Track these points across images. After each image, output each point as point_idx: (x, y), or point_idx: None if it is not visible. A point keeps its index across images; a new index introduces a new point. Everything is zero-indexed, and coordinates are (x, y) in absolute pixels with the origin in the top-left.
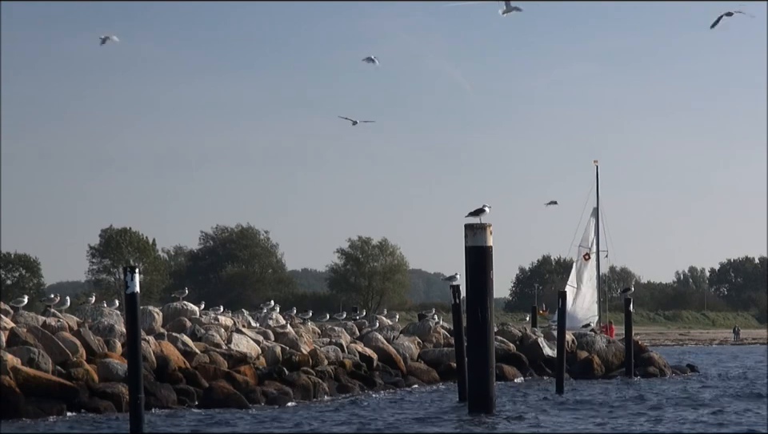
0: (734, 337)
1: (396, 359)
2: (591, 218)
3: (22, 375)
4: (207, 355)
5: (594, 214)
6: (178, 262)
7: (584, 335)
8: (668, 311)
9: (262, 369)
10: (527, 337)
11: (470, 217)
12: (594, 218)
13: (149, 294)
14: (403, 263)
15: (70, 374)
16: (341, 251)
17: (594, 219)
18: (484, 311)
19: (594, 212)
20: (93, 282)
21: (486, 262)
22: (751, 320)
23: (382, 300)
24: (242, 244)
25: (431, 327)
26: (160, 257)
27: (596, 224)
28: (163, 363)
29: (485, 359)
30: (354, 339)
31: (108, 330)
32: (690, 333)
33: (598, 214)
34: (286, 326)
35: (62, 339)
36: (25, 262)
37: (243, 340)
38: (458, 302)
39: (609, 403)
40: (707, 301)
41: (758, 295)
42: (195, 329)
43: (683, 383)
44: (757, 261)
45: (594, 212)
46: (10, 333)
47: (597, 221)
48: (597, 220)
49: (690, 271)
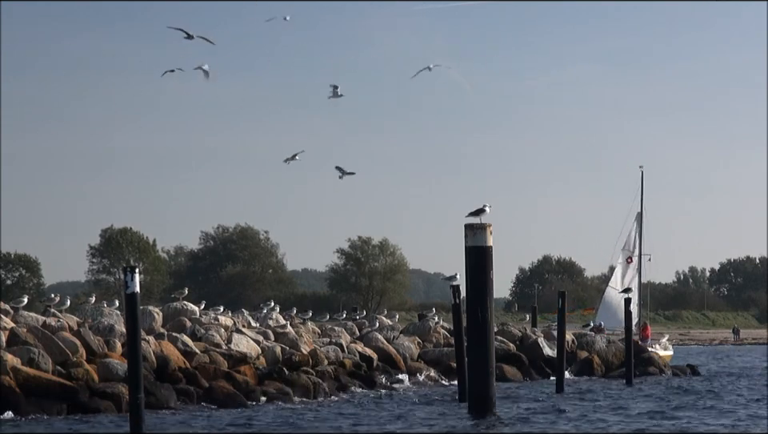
0: (733, 337)
1: (396, 359)
2: (635, 222)
3: (21, 375)
4: (207, 355)
5: (638, 219)
6: (178, 262)
7: (584, 335)
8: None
9: (262, 369)
10: (527, 337)
11: (470, 217)
12: (638, 222)
13: (149, 294)
14: (403, 263)
15: (69, 374)
16: (341, 251)
17: (637, 223)
18: (484, 311)
19: (638, 217)
20: (93, 282)
21: (486, 262)
22: (751, 320)
23: (382, 300)
24: (242, 244)
25: (431, 327)
26: (160, 257)
27: (639, 229)
28: (163, 363)
29: (485, 359)
30: (354, 339)
31: (108, 330)
32: (690, 333)
33: (641, 219)
34: (285, 326)
35: (61, 339)
36: (25, 262)
37: (243, 340)
38: (458, 302)
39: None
40: (707, 301)
41: (758, 295)
42: (195, 329)
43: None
44: (757, 261)
45: (637, 217)
46: (10, 333)
47: (640, 226)
48: (640, 225)
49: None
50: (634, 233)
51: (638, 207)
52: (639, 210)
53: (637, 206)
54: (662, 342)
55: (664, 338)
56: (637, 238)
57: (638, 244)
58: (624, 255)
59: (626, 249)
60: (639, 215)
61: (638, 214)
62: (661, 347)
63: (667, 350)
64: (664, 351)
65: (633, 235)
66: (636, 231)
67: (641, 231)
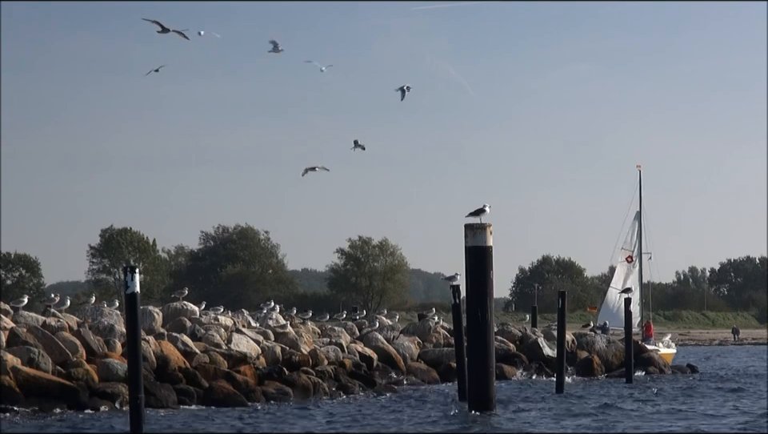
0: (733, 337)
1: (396, 359)
2: (634, 221)
3: (22, 375)
4: (207, 355)
5: (637, 217)
6: (178, 262)
7: (584, 334)
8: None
9: (262, 369)
10: (527, 337)
11: (470, 217)
12: (637, 221)
13: (149, 294)
14: (403, 263)
15: (69, 374)
16: (341, 251)
17: (636, 222)
18: (484, 311)
19: (637, 215)
20: (93, 282)
21: (486, 262)
22: (751, 320)
23: (382, 300)
24: (242, 244)
25: (431, 327)
26: (160, 257)
27: (638, 227)
28: (163, 363)
29: (485, 359)
30: (354, 339)
31: (108, 330)
32: (690, 333)
33: (640, 218)
34: (285, 326)
35: (62, 339)
36: (25, 262)
37: (243, 340)
38: (458, 302)
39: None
40: (707, 301)
41: (758, 295)
42: (195, 329)
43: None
44: (757, 261)
45: (636, 216)
46: (10, 333)
47: (639, 224)
48: (639, 223)
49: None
50: (634, 231)
51: (637, 206)
52: (638, 209)
53: (635, 205)
54: (665, 340)
55: (667, 337)
56: (636, 236)
57: (637, 243)
58: (624, 254)
59: (626, 248)
60: (638, 214)
61: (637, 212)
62: (664, 345)
63: (670, 348)
64: (667, 350)
65: (632, 233)
66: (635, 229)
67: (641, 229)
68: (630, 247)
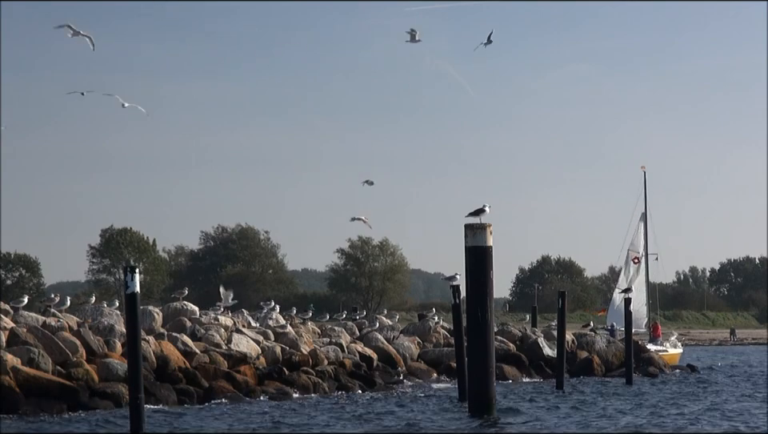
0: (732, 338)
1: (396, 359)
2: (640, 222)
3: (22, 375)
4: (207, 355)
5: (643, 219)
6: (178, 262)
7: (584, 334)
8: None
9: (262, 369)
10: (527, 337)
11: (470, 217)
12: (643, 222)
13: (149, 294)
14: (403, 263)
15: (70, 374)
16: (341, 251)
17: (642, 223)
18: (484, 311)
19: (643, 217)
20: (93, 282)
21: (486, 262)
22: (751, 320)
23: (382, 300)
24: (242, 244)
25: (431, 327)
26: (160, 257)
27: (644, 229)
28: (163, 363)
29: (485, 359)
30: (354, 339)
31: (108, 330)
32: (690, 333)
33: (646, 219)
34: (285, 326)
35: (62, 339)
36: (25, 262)
37: (243, 340)
38: (458, 302)
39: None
40: (707, 301)
41: (758, 295)
42: (195, 329)
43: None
44: (757, 261)
45: (642, 217)
46: (10, 333)
47: (645, 225)
48: (645, 225)
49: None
50: (641, 233)
51: (642, 208)
52: (644, 211)
53: (641, 207)
54: (672, 340)
55: (673, 336)
56: (643, 238)
57: (643, 244)
58: (630, 255)
59: (633, 249)
60: (644, 215)
61: (643, 214)
62: (670, 345)
63: (676, 348)
64: (674, 349)
65: (638, 234)
66: (642, 230)
67: (646, 230)
68: (637, 248)
